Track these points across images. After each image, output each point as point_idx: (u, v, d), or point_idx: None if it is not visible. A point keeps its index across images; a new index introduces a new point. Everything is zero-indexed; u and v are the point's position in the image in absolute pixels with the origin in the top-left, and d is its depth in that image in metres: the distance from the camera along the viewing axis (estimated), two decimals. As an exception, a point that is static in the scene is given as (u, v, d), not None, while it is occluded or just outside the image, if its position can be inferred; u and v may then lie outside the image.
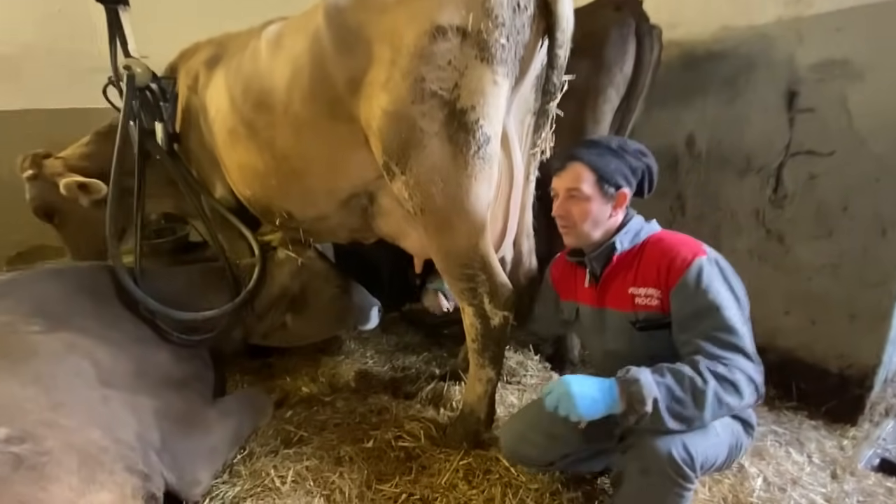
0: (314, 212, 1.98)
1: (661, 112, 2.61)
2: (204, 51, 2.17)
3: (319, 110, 1.65)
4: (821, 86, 2.02)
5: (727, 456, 1.38)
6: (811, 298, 2.19)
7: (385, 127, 1.51)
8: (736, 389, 1.20)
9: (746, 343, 1.26)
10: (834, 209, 2.06)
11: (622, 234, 1.47)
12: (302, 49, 1.64)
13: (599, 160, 1.45)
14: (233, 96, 1.91)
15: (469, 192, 1.56)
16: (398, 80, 1.45)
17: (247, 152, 1.94)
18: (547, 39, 1.50)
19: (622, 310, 1.46)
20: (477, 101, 1.45)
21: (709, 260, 1.32)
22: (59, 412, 1.39)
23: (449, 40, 1.40)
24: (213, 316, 1.97)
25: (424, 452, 1.95)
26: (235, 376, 2.67)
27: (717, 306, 1.26)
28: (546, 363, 2.60)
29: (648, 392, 1.18)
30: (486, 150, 1.52)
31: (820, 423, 2.17)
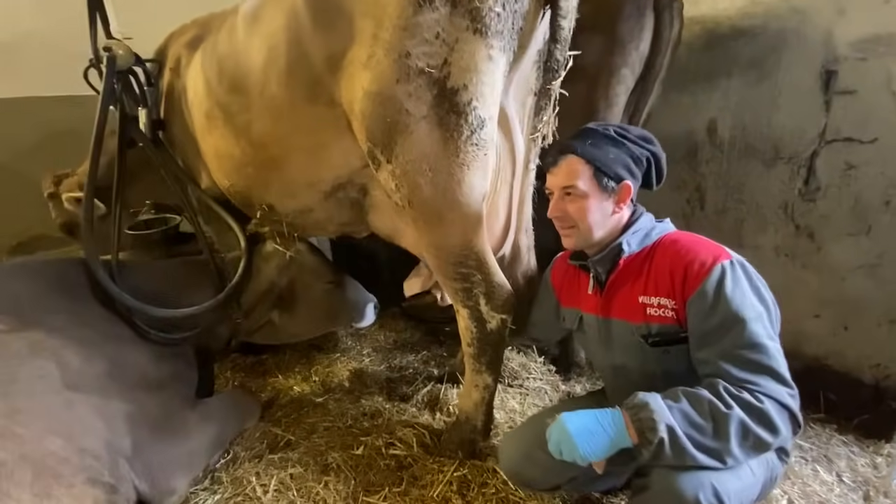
0: (296, 204, 1.84)
1: (680, 95, 2.41)
2: (188, 32, 2.05)
3: (297, 92, 1.52)
4: (863, 65, 1.81)
5: (761, 491, 1.20)
6: (844, 301, 2.00)
7: (368, 110, 1.36)
8: (767, 420, 1.02)
9: (778, 362, 1.08)
10: (874, 203, 1.86)
11: (630, 235, 1.31)
12: (278, 25, 1.49)
13: (596, 150, 1.29)
14: (208, 77, 1.78)
15: (461, 182, 1.40)
16: (381, 57, 1.29)
17: (223, 139, 1.82)
18: (549, 9, 1.32)
19: (631, 321, 1.29)
20: (469, 80, 1.28)
21: (732, 264, 1.15)
22: (15, 420, 1.30)
23: (436, 9, 1.22)
24: (194, 313, 1.85)
25: (417, 462, 1.83)
26: (227, 373, 2.60)
27: (741, 318, 1.09)
28: (550, 366, 2.46)
29: (660, 418, 1.01)
30: (481, 135, 1.36)
31: (851, 438, 1.99)
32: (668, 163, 1.38)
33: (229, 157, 1.85)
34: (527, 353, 2.53)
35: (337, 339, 2.87)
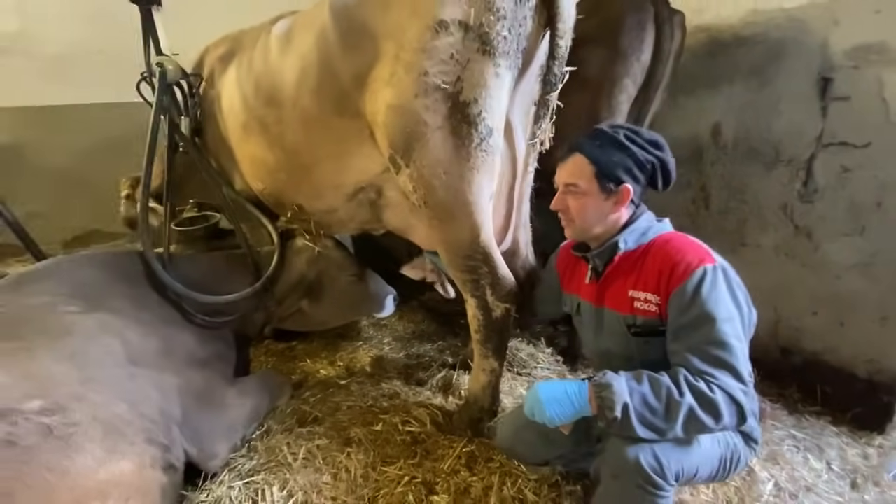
0: (323, 205, 2.06)
1: (687, 100, 2.51)
2: (220, 47, 2.27)
3: (327, 106, 1.69)
4: (856, 73, 1.88)
5: (719, 468, 1.33)
6: (840, 299, 2.08)
7: (390, 121, 1.54)
8: (714, 409, 1.14)
9: (738, 360, 1.18)
10: (867, 205, 1.93)
11: (627, 233, 1.39)
12: (310, 46, 1.68)
13: (601, 152, 1.37)
14: (245, 92, 1.99)
15: (472, 183, 1.57)
16: (402, 75, 1.47)
17: (258, 147, 2.03)
18: (549, 31, 1.49)
19: (620, 312, 1.40)
20: (479, 94, 1.46)
21: (715, 268, 1.23)
22: (89, 387, 1.52)
23: (451, 34, 1.40)
24: (234, 299, 2.09)
25: (429, 438, 2.01)
26: (261, 357, 2.82)
27: (713, 317, 1.19)
28: (558, 356, 2.60)
29: (619, 399, 1.16)
30: (489, 143, 1.53)
31: (844, 429, 2.07)
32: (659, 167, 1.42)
33: (264, 163, 2.07)
34: (535, 344, 2.68)
35: (360, 328, 3.08)
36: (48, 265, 2.01)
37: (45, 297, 1.74)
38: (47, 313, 1.68)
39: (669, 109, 2.50)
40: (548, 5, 1.45)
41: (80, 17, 3.53)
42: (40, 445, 1.24)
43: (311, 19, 1.72)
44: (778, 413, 2.16)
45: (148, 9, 2.19)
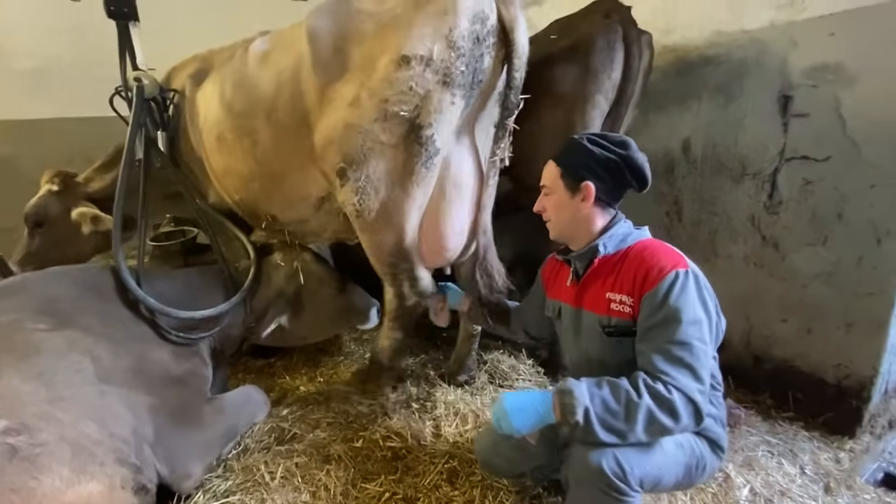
0: (295, 215, 2.13)
1: (658, 116, 2.60)
2: (190, 66, 2.32)
3: (296, 119, 1.81)
4: (814, 91, 1.98)
5: (684, 474, 1.36)
6: (807, 306, 2.15)
7: (346, 138, 1.67)
8: (671, 410, 1.17)
9: (699, 362, 1.22)
10: (829, 216, 2.02)
11: (606, 238, 1.45)
12: (286, 64, 1.80)
13: (565, 156, 1.49)
14: (222, 105, 2.04)
15: (410, 195, 1.73)
16: (365, 100, 1.61)
17: (233, 157, 2.08)
18: (506, 64, 1.65)
19: (597, 312, 1.45)
20: (434, 119, 1.60)
21: (686, 273, 1.28)
22: (57, 406, 1.48)
23: (413, 68, 1.54)
24: (209, 315, 2.06)
25: (410, 453, 1.99)
26: (238, 375, 2.77)
27: (679, 319, 1.23)
28: (539, 367, 2.62)
29: (580, 403, 1.19)
30: (434, 161, 1.69)
31: (816, 434, 2.13)
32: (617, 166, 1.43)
33: (238, 173, 2.12)
34: (516, 356, 2.69)
35: (341, 343, 3.05)
36: (16, 281, 1.96)
37: (12, 314, 1.69)
38: (14, 331, 1.63)
39: (642, 125, 2.60)
40: (505, 43, 1.60)
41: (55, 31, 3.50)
42: (5, 466, 1.20)
43: (288, 38, 1.84)
44: (752, 419, 2.21)
45: (124, 24, 2.20)
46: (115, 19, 2.18)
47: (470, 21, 1.53)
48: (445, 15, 1.52)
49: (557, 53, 2.18)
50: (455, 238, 1.96)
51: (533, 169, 2.35)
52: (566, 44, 2.16)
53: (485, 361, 2.64)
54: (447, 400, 2.32)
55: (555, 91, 2.18)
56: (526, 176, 2.45)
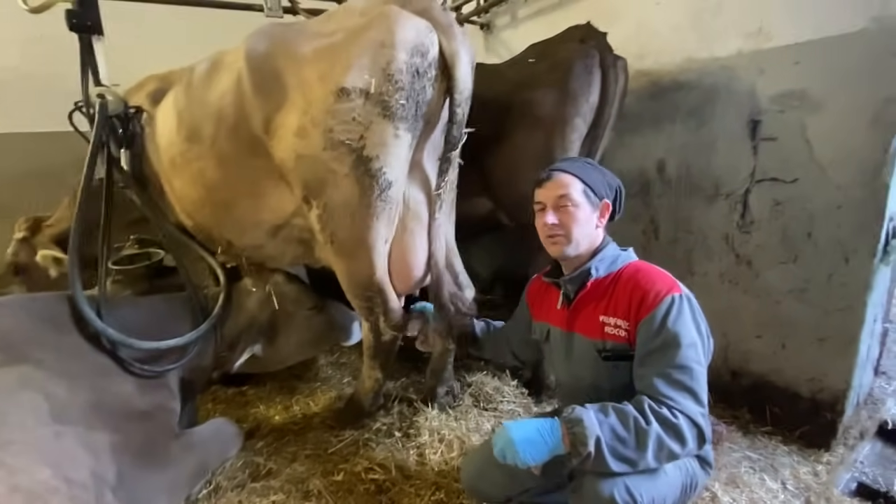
0: (249, 241, 2.08)
1: (634, 138, 2.67)
2: (149, 85, 2.25)
3: (242, 146, 1.77)
4: (781, 116, 2.07)
5: (681, 495, 1.36)
6: (781, 323, 2.21)
7: (302, 168, 1.67)
8: (678, 435, 1.18)
9: (699, 385, 1.24)
10: (799, 235, 2.09)
11: (597, 261, 1.45)
12: (227, 87, 1.75)
13: (583, 171, 1.47)
14: (172, 128, 1.99)
15: (371, 229, 1.72)
16: (310, 129, 1.60)
17: (183, 182, 2.03)
18: (448, 98, 1.66)
19: (590, 337, 1.43)
20: (381, 152, 1.61)
21: (681, 297, 1.30)
22: (7, 451, 1.35)
23: (353, 100, 1.54)
24: (175, 345, 1.93)
25: (395, 486, 1.91)
26: (208, 405, 2.62)
27: (678, 343, 1.24)
28: (523, 389, 2.59)
29: (591, 433, 1.17)
30: (388, 194, 1.68)
31: (794, 448, 2.17)
32: (625, 197, 1.56)
33: (191, 198, 2.06)
34: (500, 377, 2.66)
35: (317, 368, 2.94)
36: (-40, 313, 1.79)
37: (-44, 351, 1.54)
38: (-43, 369, 1.48)
39: (618, 147, 2.66)
40: (447, 77, 1.61)
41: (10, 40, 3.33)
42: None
43: (229, 61, 1.79)
44: (733, 435, 2.24)
45: (87, 37, 2.10)
46: (78, 33, 2.08)
47: (409, 54, 1.52)
48: (383, 48, 1.51)
49: (536, 77, 2.21)
50: (421, 269, 1.96)
51: (512, 189, 2.38)
52: (545, 67, 2.20)
53: (469, 384, 2.60)
54: (431, 426, 2.25)
55: (534, 113, 2.21)
56: (505, 196, 2.46)
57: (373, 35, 1.53)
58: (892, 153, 1.79)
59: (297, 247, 2.05)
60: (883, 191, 1.82)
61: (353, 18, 1.61)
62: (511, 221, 2.49)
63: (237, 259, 2.26)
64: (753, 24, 2.12)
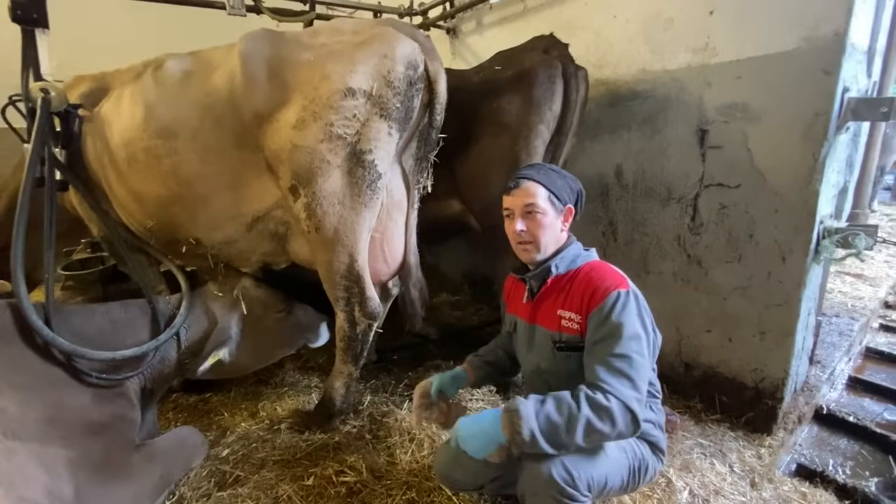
0: (221, 236, 2.09)
1: (594, 144, 2.79)
2: (80, 85, 2.17)
3: (227, 139, 1.87)
4: (726, 126, 2.23)
5: (628, 477, 1.45)
6: (727, 317, 2.37)
7: (296, 158, 1.82)
8: (609, 417, 1.25)
9: (637, 373, 1.32)
10: (742, 236, 2.26)
11: (558, 259, 1.55)
12: (215, 84, 1.86)
13: (547, 178, 1.54)
14: (130, 126, 1.95)
15: (359, 215, 1.91)
16: (310, 123, 1.78)
17: (146, 181, 1.99)
18: (429, 108, 1.97)
19: (548, 328, 1.55)
20: (374, 146, 1.85)
21: (627, 293, 1.40)
22: (-47, 472, 1.27)
23: (357, 99, 1.78)
24: (132, 355, 1.87)
25: (366, 487, 1.92)
26: (169, 415, 2.53)
27: (620, 334, 1.34)
28: (491, 386, 2.65)
29: (526, 422, 1.26)
30: (377, 184, 1.90)
31: (740, 433, 2.33)
32: (586, 200, 1.68)
33: (154, 197, 2.01)
34: (468, 376, 2.71)
35: (284, 372, 2.90)
36: None
37: None
38: None
39: (578, 152, 2.77)
40: (429, 90, 1.94)
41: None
42: None
43: (215, 60, 1.90)
44: (686, 423, 2.38)
45: (31, 30, 1.99)
46: (22, 25, 1.98)
47: (405, 66, 1.82)
48: (385, 58, 1.80)
49: (502, 84, 2.28)
50: (400, 254, 2.19)
51: (480, 193, 2.44)
52: (510, 76, 2.27)
53: (437, 384, 2.63)
54: (402, 427, 2.27)
55: (500, 119, 2.28)
56: (473, 199, 2.52)
57: (376, 47, 1.80)
58: (820, 162, 1.97)
59: (268, 242, 2.12)
60: (814, 196, 2.00)
61: (344, 35, 1.86)
62: (479, 224, 2.55)
63: (200, 260, 2.22)
64: (700, 40, 2.27)
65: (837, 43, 1.85)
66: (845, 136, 2.07)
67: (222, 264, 2.25)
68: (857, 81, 2.00)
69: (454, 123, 2.09)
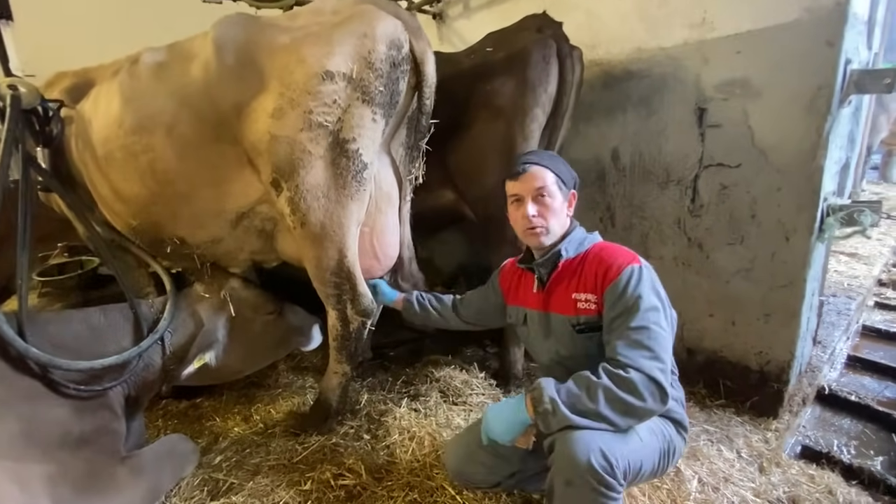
0: (206, 235, 2.00)
1: (588, 127, 2.71)
2: (62, 81, 2.10)
3: (205, 132, 1.76)
4: (725, 104, 2.17)
5: (659, 462, 1.40)
6: (730, 301, 2.33)
7: (275, 149, 1.71)
8: (632, 388, 1.23)
9: (658, 343, 1.29)
10: (744, 217, 2.20)
11: (567, 243, 1.55)
12: (190, 75, 1.75)
13: (553, 163, 1.56)
14: (112, 121, 1.85)
15: (346, 208, 1.81)
16: (288, 111, 1.67)
17: (126, 179, 1.90)
18: (417, 92, 1.85)
19: (565, 314, 1.52)
20: (357, 134, 1.73)
21: (640, 268, 1.40)
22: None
23: (336, 83, 1.66)
24: (114, 363, 1.77)
25: (366, 489, 1.85)
26: (157, 422, 2.43)
27: (637, 307, 1.33)
28: (491, 380, 2.58)
29: (546, 393, 1.26)
30: (363, 175, 1.80)
31: (746, 418, 2.29)
32: (582, 185, 1.69)
33: (135, 196, 1.92)
34: (468, 370, 2.64)
35: (277, 373, 2.80)
36: None
37: None
38: None
39: (573, 136, 2.70)
40: (416, 72, 1.82)
41: None
42: None
43: (190, 50, 1.79)
44: (692, 410, 2.34)
45: (-6, 22, 1.87)
46: (-15, 17, 1.85)
47: (387, 46, 1.69)
48: (365, 38, 1.67)
49: (494, 66, 2.19)
50: (393, 249, 2.09)
51: (476, 182, 2.36)
52: (502, 57, 2.18)
53: (437, 379, 2.56)
54: (401, 425, 2.20)
55: (494, 103, 2.19)
56: (468, 188, 2.44)
57: (354, 27, 1.67)
58: (824, 137, 1.91)
59: (256, 239, 2.03)
60: (818, 173, 1.95)
61: (324, 16, 1.73)
62: (474, 214, 2.46)
63: (186, 260, 2.13)
64: (697, 15, 2.19)
65: (839, 13, 1.79)
66: (847, 109, 2.01)
67: (209, 264, 2.15)
68: (858, 53, 1.94)
69: (444, 109, 1.99)
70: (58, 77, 2.15)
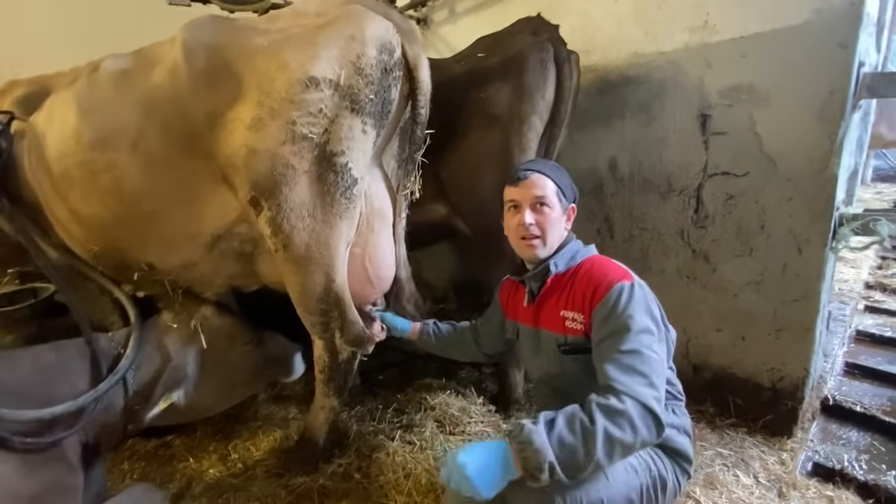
0: (178, 259, 1.81)
1: (584, 136, 2.60)
2: (14, 90, 1.93)
3: (175, 146, 1.60)
4: (730, 110, 2.08)
5: (639, 499, 1.26)
6: (739, 315, 2.23)
7: (254, 164, 1.54)
8: (628, 421, 1.10)
9: (651, 369, 1.18)
10: (752, 228, 2.11)
11: (558, 257, 1.47)
12: (157, 83, 1.59)
13: (554, 173, 1.48)
14: (62, 137, 1.67)
15: (334, 228, 1.65)
16: (268, 121, 1.50)
17: (85, 200, 1.70)
18: (411, 100, 1.72)
19: (553, 331, 1.44)
20: (346, 147, 1.57)
21: (632, 285, 1.30)
22: None
23: (321, 91, 1.50)
24: (66, 410, 1.54)
25: (359, 538, 1.66)
26: (123, 466, 2.20)
27: (628, 328, 1.22)
28: (490, 406, 2.43)
29: (543, 458, 1.07)
30: (353, 191, 1.64)
31: (759, 438, 2.19)
32: (579, 197, 1.58)
33: (95, 218, 1.73)
34: (465, 395, 2.48)
35: (256, 405, 2.59)
36: None
37: None
38: None
39: (568, 145, 2.57)
40: (410, 79, 1.67)
41: None
42: None
43: (156, 56, 1.63)
44: (703, 432, 2.22)
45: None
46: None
47: (377, 50, 1.55)
48: (353, 41, 1.53)
49: (488, 72, 2.06)
50: (388, 270, 1.92)
51: (470, 194, 2.20)
52: (497, 62, 2.05)
53: (432, 406, 2.39)
54: (394, 462, 2.02)
55: (488, 111, 2.06)
56: (462, 201, 2.29)
57: (341, 29, 1.52)
58: (838, 144, 1.82)
59: (234, 263, 1.86)
60: (831, 182, 1.86)
61: (307, 17, 1.59)
62: (469, 228, 2.31)
63: (156, 287, 1.92)
64: (699, 18, 2.11)
65: (854, 13, 1.71)
66: (857, 115, 1.94)
67: (180, 290, 1.95)
68: (869, 56, 1.87)
69: (436, 118, 1.84)
70: (9, 85, 1.98)
